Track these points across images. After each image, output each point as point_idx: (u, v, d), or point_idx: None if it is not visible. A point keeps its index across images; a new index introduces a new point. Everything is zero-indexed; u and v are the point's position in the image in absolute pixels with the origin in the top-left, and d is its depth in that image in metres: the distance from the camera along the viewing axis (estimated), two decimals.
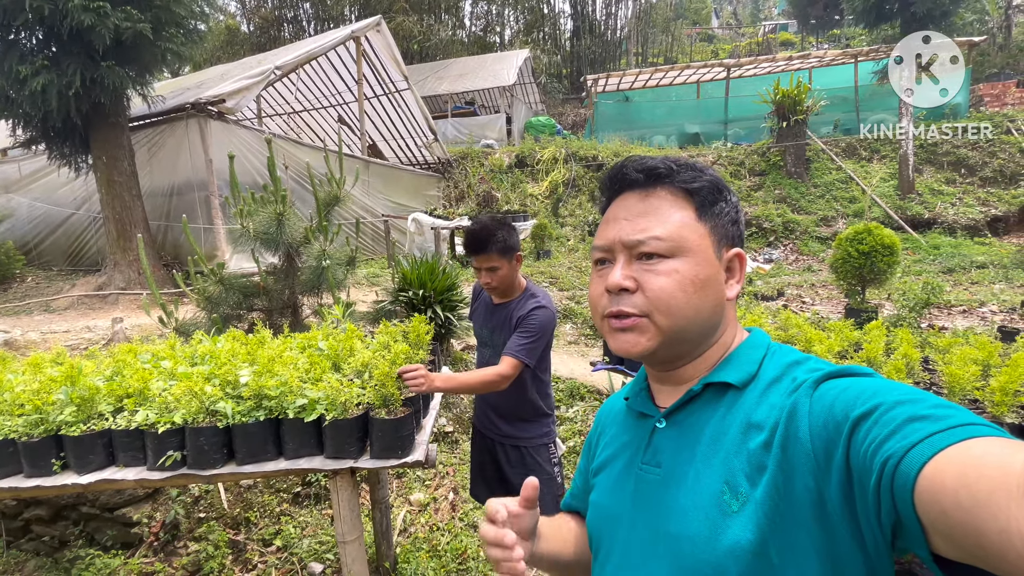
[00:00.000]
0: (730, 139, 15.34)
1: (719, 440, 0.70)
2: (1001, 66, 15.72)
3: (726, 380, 0.73)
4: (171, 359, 2.21)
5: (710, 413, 0.73)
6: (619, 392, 0.96)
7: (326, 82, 13.70)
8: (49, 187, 9.24)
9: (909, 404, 0.54)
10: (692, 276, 0.73)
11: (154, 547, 2.95)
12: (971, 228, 11.03)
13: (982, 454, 0.45)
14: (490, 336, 2.36)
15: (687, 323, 0.73)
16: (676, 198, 0.76)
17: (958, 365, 2.35)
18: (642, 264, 0.74)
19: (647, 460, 0.78)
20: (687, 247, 0.74)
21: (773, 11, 38.74)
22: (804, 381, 0.66)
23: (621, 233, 0.76)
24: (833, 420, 0.59)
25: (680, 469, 0.73)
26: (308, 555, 2.87)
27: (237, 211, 3.61)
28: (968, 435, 0.48)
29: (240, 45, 22.08)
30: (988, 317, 5.85)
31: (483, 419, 2.42)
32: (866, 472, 0.53)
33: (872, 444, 0.53)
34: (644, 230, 0.74)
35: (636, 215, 0.76)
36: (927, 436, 0.49)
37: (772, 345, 0.78)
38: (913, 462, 0.48)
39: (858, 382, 0.61)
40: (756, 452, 0.65)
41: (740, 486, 0.65)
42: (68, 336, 4.95)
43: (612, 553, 0.79)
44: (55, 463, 1.82)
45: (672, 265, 0.73)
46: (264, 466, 1.80)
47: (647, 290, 0.73)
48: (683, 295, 0.72)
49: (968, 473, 0.44)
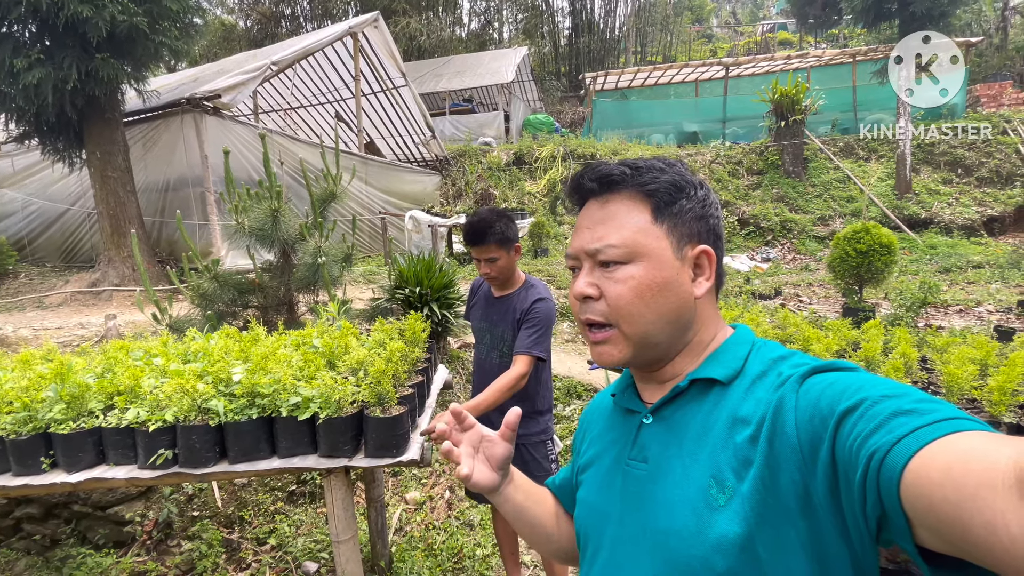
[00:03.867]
0: (728, 138, 15.34)
1: (706, 435, 0.70)
2: (998, 67, 15.75)
3: (712, 376, 0.73)
4: (163, 356, 2.19)
5: (696, 408, 0.73)
6: (605, 389, 0.96)
7: (323, 78, 13.63)
8: (43, 183, 9.17)
9: (894, 398, 0.54)
10: (648, 281, 0.73)
11: (147, 546, 2.92)
12: (967, 228, 11.06)
13: (968, 448, 0.46)
14: (489, 329, 2.34)
15: (651, 327, 0.74)
16: (634, 202, 0.76)
17: (956, 365, 2.34)
18: (603, 272, 0.75)
19: (634, 456, 0.78)
20: (642, 252, 0.74)
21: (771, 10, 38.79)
22: (790, 376, 0.66)
23: (583, 242, 0.78)
24: (819, 414, 0.59)
25: (667, 464, 0.73)
26: (303, 554, 2.84)
27: (232, 207, 3.58)
28: (953, 429, 0.48)
29: (237, 41, 21.95)
30: (984, 317, 5.86)
31: (480, 418, 2.39)
32: (852, 466, 0.53)
33: (858, 438, 0.53)
34: (601, 238, 0.75)
35: (595, 223, 0.77)
36: (913, 430, 0.49)
37: (757, 341, 0.78)
38: (899, 456, 0.48)
39: (844, 376, 0.62)
40: (742, 446, 0.65)
41: (727, 480, 0.65)
42: (61, 333, 4.90)
43: (601, 549, 0.79)
44: (44, 461, 1.79)
45: (628, 272, 0.74)
46: (257, 465, 1.77)
47: (607, 298, 0.74)
48: (640, 301, 0.73)
49: (954, 467, 0.45)
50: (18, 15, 5.76)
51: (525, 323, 2.15)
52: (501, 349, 2.28)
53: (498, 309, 2.31)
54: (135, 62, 6.59)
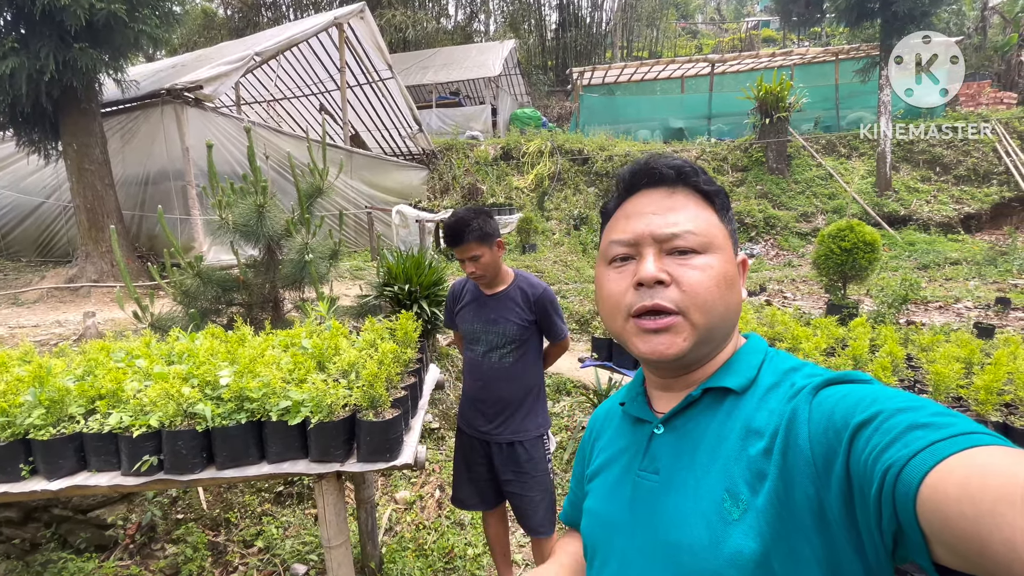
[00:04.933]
0: (714, 134, 15.46)
1: (719, 446, 0.69)
2: (977, 66, 16.05)
3: (726, 385, 0.72)
4: (146, 357, 2.12)
5: (709, 419, 0.72)
6: (613, 396, 0.95)
7: (308, 70, 13.40)
8: (17, 175, 8.88)
9: (910, 412, 0.53)
10: (723, 273, 0.72)
11: (130, 550, 2.86)
12: (945, 225, 11.31)
13: (985, 463, 0.45)
14: (486, 328, 2.29)
15: (719, 321, 0.72)
16: (699, 198, 0.76)
17: (942, 363, 2.38)
18: (674, 259, 0.72)
19: (645, 467, 0.76)
20: (717, 244, 0.73)
21: (756, 7, 39.05)
22: (803, 387, 0.65)
23: (652, 226, 0.74)
24: (833, 427, 0.58)
25: (679, 476, 0.71)
26: (291, 556, 2.81)
27: (216, 202, 3.49)
28: (971, 444, 0.47)
29: (218, 30, 21.48)
30: (964, 313, 5.99)
31: (472, 418, 2.37)
32: (867, 480, 0.52)
33: (873, 452, 0.52)
34: (677, 223, 0.73)
35: (666, 210, 0.75)
36: (929, 444, 0.48)
37: (769, 350, 0.78)
38: (915, 471, 0.48)
39: (857, 388, 0.61)
40: (756, 459, 0.64)
41: (741, 493, 0.64)
42: (37, 331, 4.76)
43: (609, 561, 0.77)
44: (23, 468, 1.72)
45: (706, 260, 0.72)
46: (246, 470, 1.73)
47: (683, 284, 0.70)
48: (718, 291, 0.71)
49: (971, 483, 0.44)
50: None
51: (549, 312, 2.28)
52: (504, 348, 2.25)
53: (495, 307, 2.27)
54: (114, 51, 6.39)
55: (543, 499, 2.31)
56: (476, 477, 2.38)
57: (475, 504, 2.42)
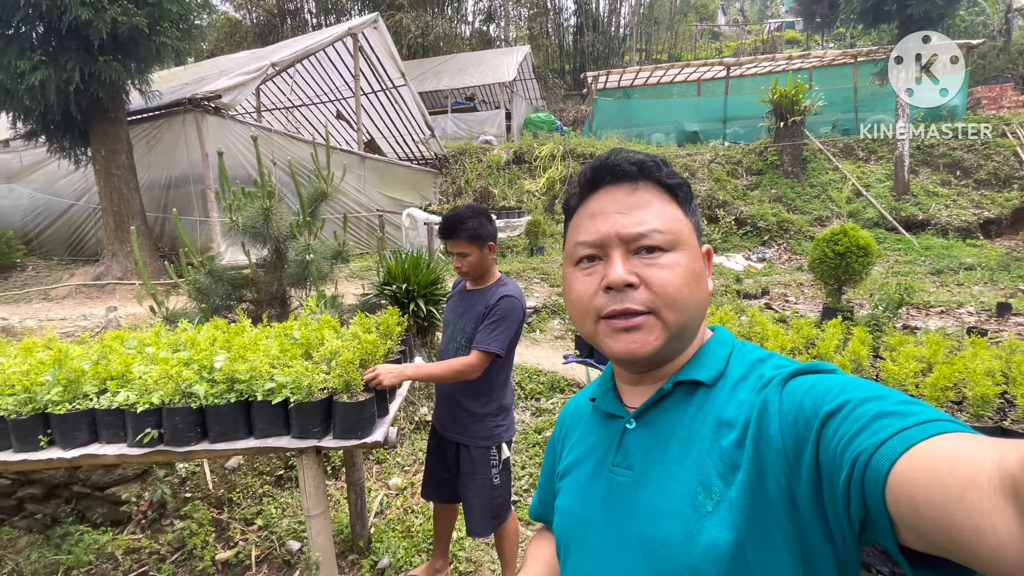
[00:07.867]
0: (728, 138, 15.39)
1: (691, 439, 0.69)
2: (1001, 69, 15.72)
3: (696, 378, 0.72)
4: (155, 345, 2.35)
5: (681, 412, 0.72)
6: (582, 392, 0.95)
7: (324, 78, 13.83)
8: (49, 178, 9.40)
9: (877, 400, 0.54)
10: (691, 269, 0.71)
11: (142, 524, 3.11)
12: (964, 230, 11.10)
13: (952, 450, 0.46)
14: (454, 320, 2.37)
15: (689, 317, 0.72)
16: (662, 193, 0.75)
17: (901, 362, 2.48)
18: (641, 258, 0.71)
19: (617, 462, 0.76)
20: (683, 240, 0.73)
21: (780, 8, 38.62)
22: (773, 378, 0.66)
23: (617, 227, 0.72)
24: (803, 417, 0.59)
25: (652, 470, 0.71)
26: (287, 533, 3.02)
27: (227, 205, 3.75)
28: (937, 431, 0.48)
29: (243, 36, 22.23)
30: (964, 318, 5.96)
31: (438, 413, 2.47)
32: (836, 468, 0.53)
33: (842, 440, 0.53)
34: (643, 223, 0.71)
35: (630, 208, 0.73)
36: (897, 432, 0.49)
37: (736, 342, 0.78)
38: (884, 458, 0.48)
39: (826, 379, 0.62)
40: (729, 450, 0.65)
41: (714, 486, 0.64)
42: (64, 324, 5.10)
43: (584, 559, 0.76)
44: (42, 439, 1.96)
45: (674, 258, 0.71)
46: (235, 444, 1.94)
47: (652, 285, 0.69)
48: (687, 289, 0.70)
49: (940, 469, 0.45)
50: (24, 16, 5.95)
51: (487, 318, 2.19)
52: (459, 341, 2.31)
53: (467, 302, 2.36)
54: (137, 63, 6.77)
55: (479, 502, 2.32)
56: (434, 470, 2.49)
57: (432, 495, 2.54)
